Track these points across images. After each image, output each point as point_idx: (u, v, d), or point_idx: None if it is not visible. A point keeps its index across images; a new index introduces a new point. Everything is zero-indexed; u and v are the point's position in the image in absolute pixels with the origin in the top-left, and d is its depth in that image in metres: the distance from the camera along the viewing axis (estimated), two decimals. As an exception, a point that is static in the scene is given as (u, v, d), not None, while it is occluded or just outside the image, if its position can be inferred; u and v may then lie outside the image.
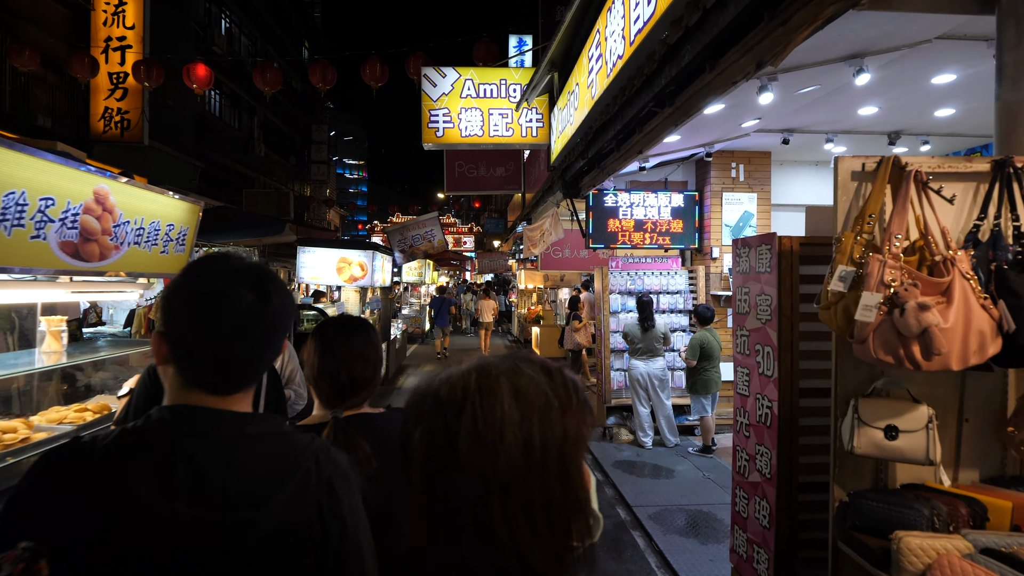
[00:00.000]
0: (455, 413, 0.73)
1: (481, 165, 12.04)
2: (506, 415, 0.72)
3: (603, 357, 7.55)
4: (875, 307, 1.81)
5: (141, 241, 3.16)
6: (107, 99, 14.20)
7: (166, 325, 1.02)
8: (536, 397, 0.74)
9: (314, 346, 1.74)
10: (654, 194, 7.78)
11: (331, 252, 8.15)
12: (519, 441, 0.71)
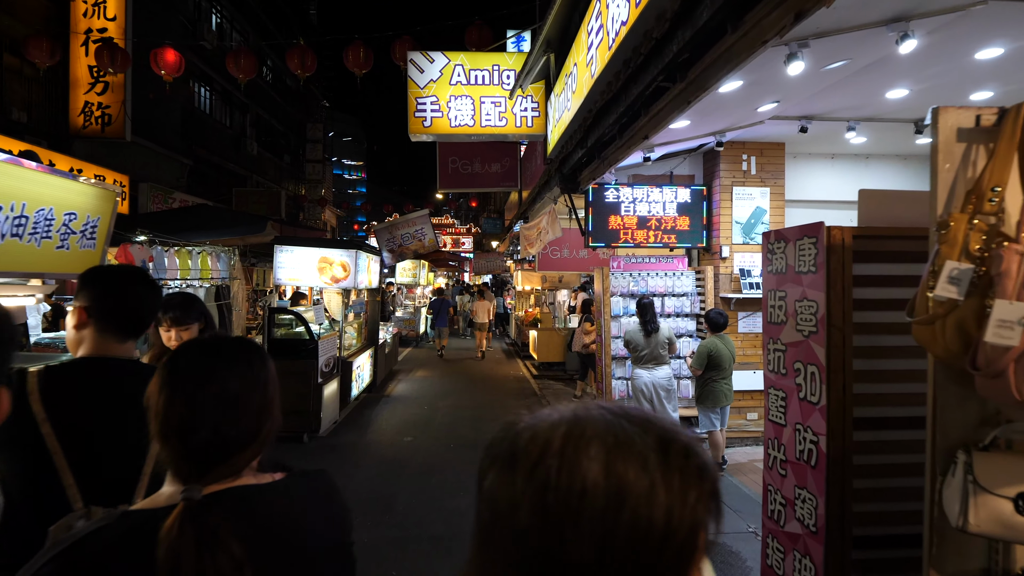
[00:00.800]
0: (527, 471, 0.58)
1: (476, 161, 11.42)
2: (588, 493, 0.55)
3: (603, 364, 6.94)
4: (1019, 323, 1.19)
5: (23, 233, 2.54)
6: (87, 93, 13.60)
7: None
8: (636, 479, 0.56)
9: (159, 385, 1.12)
10: (659, 189, 7.17)
11: (311, 251, 7.53)
12: (595, 532, 0.54)
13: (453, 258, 23.20)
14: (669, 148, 6.63)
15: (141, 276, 1.71)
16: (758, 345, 7.03)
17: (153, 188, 14.70)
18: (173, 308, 2.83)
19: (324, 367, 7.19)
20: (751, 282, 6.86)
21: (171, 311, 2.82)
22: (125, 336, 1.60)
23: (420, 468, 6.27)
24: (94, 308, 1.55)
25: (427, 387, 10.77)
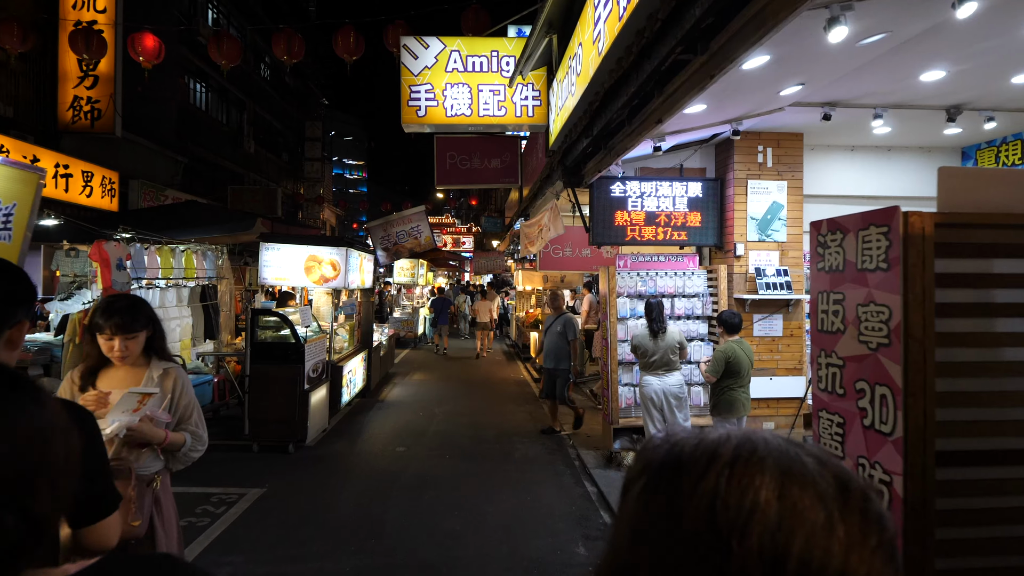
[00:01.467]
0: (693, 479, 0.55)
1: (475, 156, 10.94)
2: (760, 508, 0.52)
3: (609, 370, 6.45)
4: None
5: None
6: (76, 87, 13.14)
7: None
8: (812, 508, 0.52)
9: None
10: (668, 183, 6.68)
11: (298, 249, 7.06)
12: (764, 552, 0.50)
13: (453, 258, 22.74)
14: (680, 139, 6.14)
15: None
16: (775, 350, 6.54)
17: (144, 185, 14.26)
18: (116, 313, 2.39)
19: (311, 372, 6.71)
20: (767, 282, 6.37)
21: (114, 317, 2.38)
22: None
23: (413, 483, 5.79)
24: None
25: (424, 391, 10.30)
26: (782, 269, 6.46)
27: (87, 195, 12.39)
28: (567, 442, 7.35)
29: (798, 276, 6.54)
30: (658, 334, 5.82)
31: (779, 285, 6.38)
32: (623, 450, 6.41)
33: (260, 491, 5.39)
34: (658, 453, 0.61)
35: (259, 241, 7.09)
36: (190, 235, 8.51)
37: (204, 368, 8.26)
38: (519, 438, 7.44)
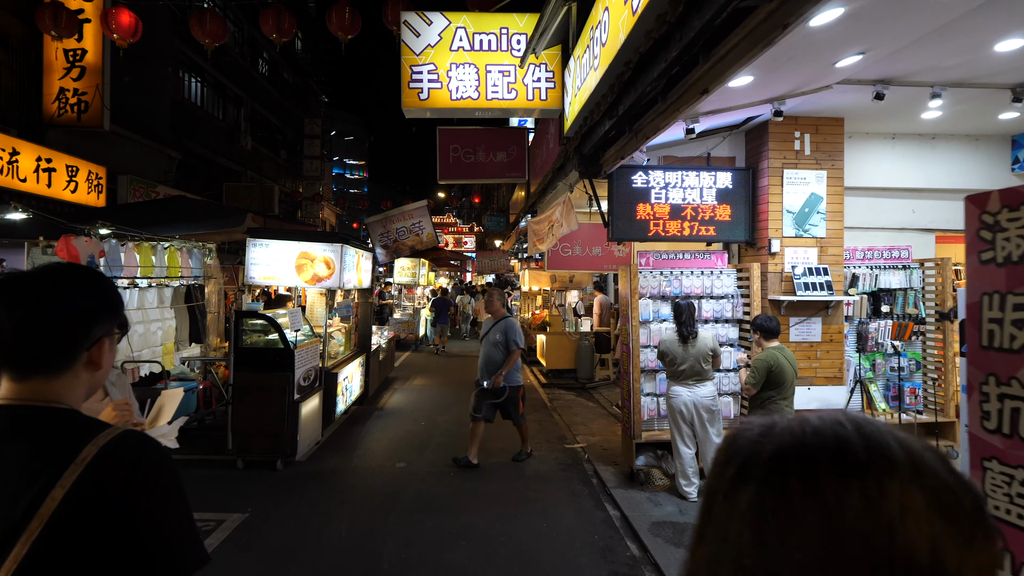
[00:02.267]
0: (836, 476, 0.49)
1: (479, 149, 10.29)
2: (905, 503, 0.48)
3: (631, 379, 5.80)
4: None
5: None
6: (62, 79, 12.50)
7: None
8: (943, 492, 0.49)
9: None
10: (695, 172, 6.03)
11: (288, 246, 6.41)
12: (922, 547, 0.47)
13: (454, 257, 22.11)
14: (711, 122, 5.48)
15: (21, 278, 1.09)
16: (813, 356, 5.89)
17: (134, 181, 13.61)
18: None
19: (303, 380, 6.07)
20: (806, 282, 5.72)
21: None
22: (17, 371, 1.06)
23: (414, 505, 5.14)
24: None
25: (425, 398, 9.64)
26: (821, 267, 5.81)
27: (72, 190, 11.75)
28: (582, 456, 6.70)
29: (838, 275, 5.90)
30: (688, 339, 5.18)
31: (818, 285, 5.73)
32: (647, 467, 5.75)
33: (241, 517, 4.74)
34: (767, 447, 0.54)
35: (245, 236, 6.44)
36: (179, 231, 7.87)
37: (189, 373, 7.62)
38: (529, 451, 6.79)
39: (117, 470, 0.99)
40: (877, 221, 6.54)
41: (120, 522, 0.97)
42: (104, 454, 0.99)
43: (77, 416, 1.07)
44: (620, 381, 6.19)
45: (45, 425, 1.03)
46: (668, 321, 6.04)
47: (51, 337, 1.06)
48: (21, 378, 1.06)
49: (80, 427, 1.04)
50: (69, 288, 1.09)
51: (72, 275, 1.12)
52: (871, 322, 6.27)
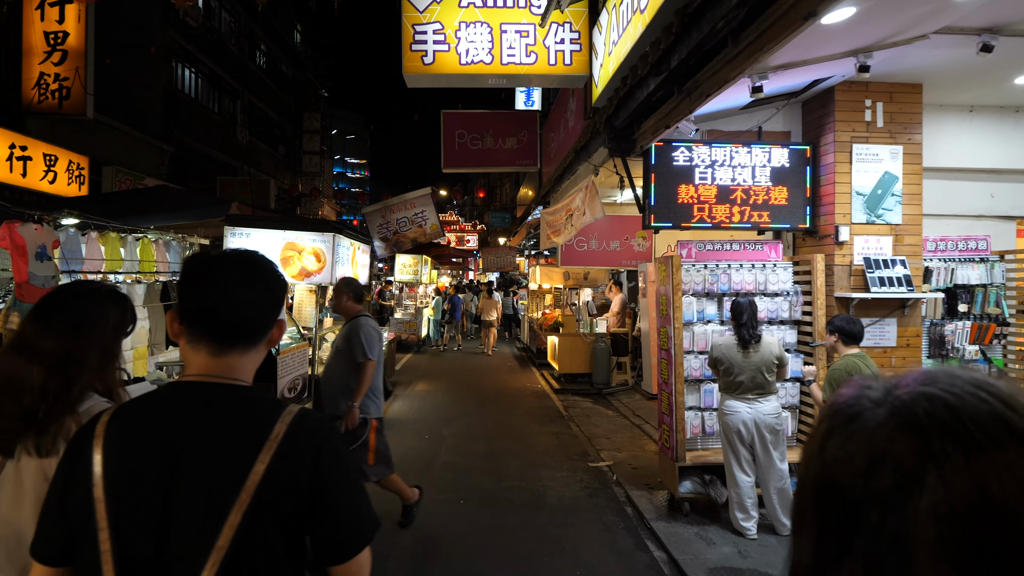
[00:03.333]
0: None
1: (487, 135, 9.36)
2: None
3: (672, 392, 4.86)
4: None
5: None
6: (42, 63, 11.54)
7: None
8: None
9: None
10: (746, 148, 5.09)
11: (272, 235, 5.48)
12: None
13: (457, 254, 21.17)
14: (776, 86, 4.49)
15: (237, 258, 1.16)
16: (887, 364, 4.95)
17: (120, 172, 12.68)
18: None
19: (287, 391, 5.13)
20: (880, 276, 4.78)
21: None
22: (222, 344, 1.11)
23: (415, 547, 4.20)
24: (181, 306, 1.13)
25: (429, 406, 8.71)
26: (897, 259, 4.87)
27: (50, 181, 10.83)
28: (609, 477, 5.77)
29: (917, 268, 4.96)
30: (749, 344, 4.24)
31: (895, 280, 4.80)
32: (693, 495, 4.81)
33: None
34: (959, 428, 0.43)
35: (223, 225, 5.51)
36: (158, 221, 6.94)
37: (166, 380, 6.67)
38: (549, 471, 5.85)
39: (306, 446, 1.04)
40: (951, 207, 5.59)
41: (311, 494, 1.02)
42: (292, 431, 1.04)
43: (259, 393, 1.13)
44: (659, 395, 5.25)
45: (239, 401, 1.09)
46: (714, 322, 5.11)
47: (261, 313, 1.13)
48: (220, 352, 1.10)
49: (267, 404, 1.10)
50: (272, 270, 1.18)
51: (266, 259, 1.19)
52: (947, 323, 5.33)
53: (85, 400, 1.47)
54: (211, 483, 0.99)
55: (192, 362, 1.11)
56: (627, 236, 9.54)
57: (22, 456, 1.40)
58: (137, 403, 1.11)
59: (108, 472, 1.00)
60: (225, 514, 0.97)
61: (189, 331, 1.11)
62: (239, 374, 1.12)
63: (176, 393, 1.11)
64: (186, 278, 1.13)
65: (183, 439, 1.03)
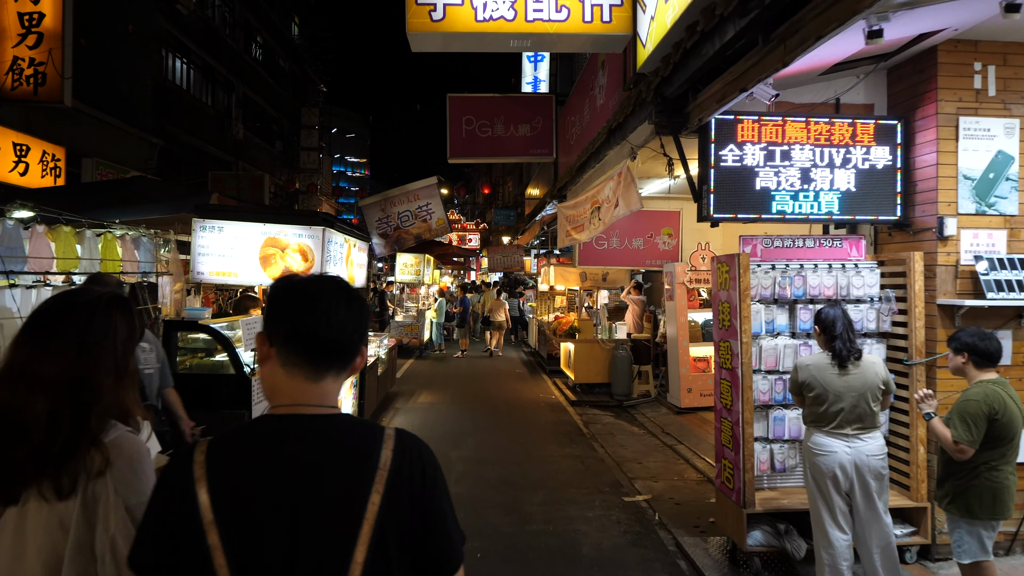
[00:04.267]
0: None
1: (498, 121, 8.41)
2: None
3: (738, 422, 3.91)
4: None
5: None
6: (16, 46, 10.54)
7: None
8: None
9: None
10: (827, 122, 4.15)
11: (249, 229, 4.53)
12: None
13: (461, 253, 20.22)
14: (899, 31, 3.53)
15: (330, 280, 1.13)
16: (1001, 387, 4.00)
17: (101, 165, 11.73)
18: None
19: (267, 418, 4.17)
20: (997, 279, 3.84)
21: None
22: (319, 367, 1.06)
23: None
24: (273, 329, 1.07)
25: (433, 421, 7.76)
26: (1015, 258, 3.93)
27: (20, 172, 9.87)
28: (650, 516, 4.82)
29: (1036, 270, 4.00)
30: (848, 362, 3.29)
31: (1014, 284, 3.85)
32: (765, 548, 3.87)
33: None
34: None
35: (192, 217, 4.57)
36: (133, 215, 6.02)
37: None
38: (579, 508, 4.91)
39: (412, 470, 1.02)
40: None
41: (422, 516, 1.02)
42: (397, 456, 1.02)
43: (357, 419, 1.12)
44: (718, 423, 4.29)
45: (343, 432, 1.04)
46: (784, 335, 4.17)
47: (357, 335, 1.09)
48: (317, 375, 1.05)
49: (367, 430, 1.06)
50: (360, 294, 1.13)
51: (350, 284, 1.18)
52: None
53: (109, 429, 1.26)
54: (332, 521, 0.95)
55: (285, 389, 1.04)
56: (651, 233, 8.59)
57: (30, 501, 1.18)
58: (235, 440, 1.03)
59: (221, 517, 0.93)
60: (351, 551, 0.94)
61: (284, 354, 1.04)
62: (333, 400, 1.08)
63: (280, 427, 1.02)
64: (281, 298, 1.08)
65: (297, 477, 0.96)
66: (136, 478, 1.24)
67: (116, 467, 1.22)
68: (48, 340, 1.26)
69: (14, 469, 1.17)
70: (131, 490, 1.22)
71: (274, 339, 1.04)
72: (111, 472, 1.21)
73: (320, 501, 0.96)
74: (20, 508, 1.19)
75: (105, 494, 1.19)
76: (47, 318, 1.30)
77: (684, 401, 7.99)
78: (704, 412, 7.93)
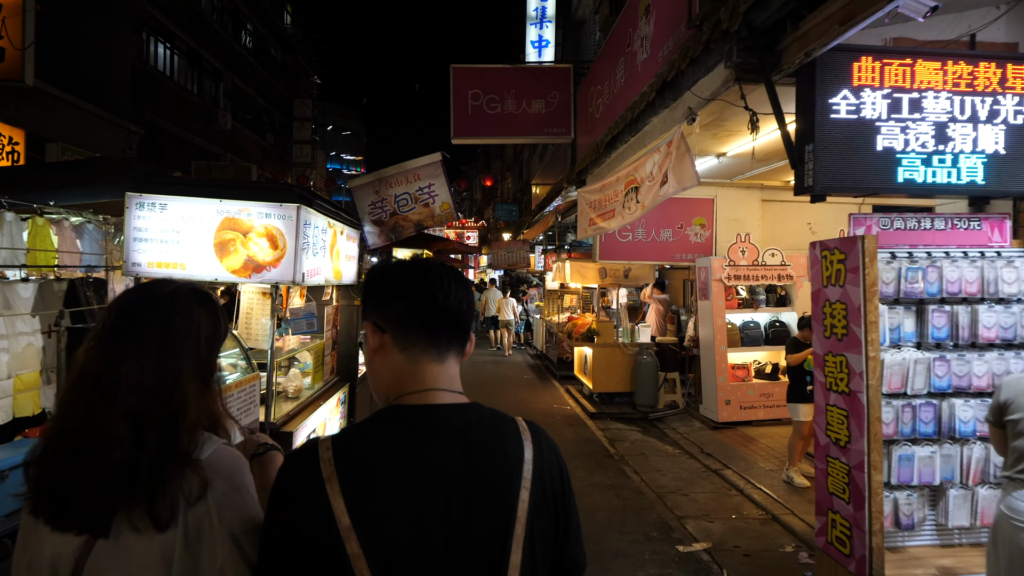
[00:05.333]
0: None
1: (508, 96, 7.33)
2: None
3: (865, 465, 2.82)
4: None
5: None
6: (-30, 19, 9.36)
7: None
8: None
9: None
10: (967, 62, 3.07)
11: (200, 207, 3.43)
12: None
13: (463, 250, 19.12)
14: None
15: (432, 259, 1.09)
16: None
17: (67, 150, 10.59)
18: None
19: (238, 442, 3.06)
20: None
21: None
22: (441, 347, 0.97)
23: None
24: (385, 312, 0.97)
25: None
26: None
27: (-33, 154, 8.73)
28: (717, 574, 3.74)
29: None
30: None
31: None
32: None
33: None
34: None
35: (126, 193, 3.45)
36: (65, 199, 4.92)
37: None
38: (627, 563, 3.82)
39: (551, 469, 0.94)
40: None
41: (563, 515, 0.94)
42: (538, 452, 0.94)
43: (488, 408, 0.99)
44: (823, 465, 3.19)
45: (481, 422, 0.94)
46: (909, 345, 3.10)
47: (471, 314, 1.02)
48: (441, 357, 0.98)
49: (502, 420, 0.97)
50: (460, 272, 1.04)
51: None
52: None
53: (202, 443, 1.05)
54: (487, 521, 0.86)
55: (409, 375, 0.95)
56: (682, 223, 7.54)
57: (124, 534, 0.99)
58: (365, 435, 0.91)
59: (360, 522, 0.82)
60: (507, 553, 0.85)
61: (403, 336, 0.95)
62: (460, 385, 0.99)
63: (415, 419, 0.91)
64: (387, 279, 0.99)
65: (442, 475, 0.86)
66: (241, 499, 1.04)
67: (216, 489, 1.02)
68: (124, 341, 1.07)
69: (97, 493, 0.98)
70: (236, 514, 1.02)
71: (388, 323, 0.95)
72: (211, 495, 1.01)
73: (472, 500, 0.85)
74: (115, 542, 1.00)
75: (208, 522, 0.99)
76: (122, 316, 1.11)
77: (722, 415, 6.92)
78: (745, 427, 6.87)
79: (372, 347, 0.97)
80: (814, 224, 7.75)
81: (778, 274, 7.09)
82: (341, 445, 0.87)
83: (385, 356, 0.95)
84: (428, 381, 0.93)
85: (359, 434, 0.91)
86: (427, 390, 0.93)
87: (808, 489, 4.88)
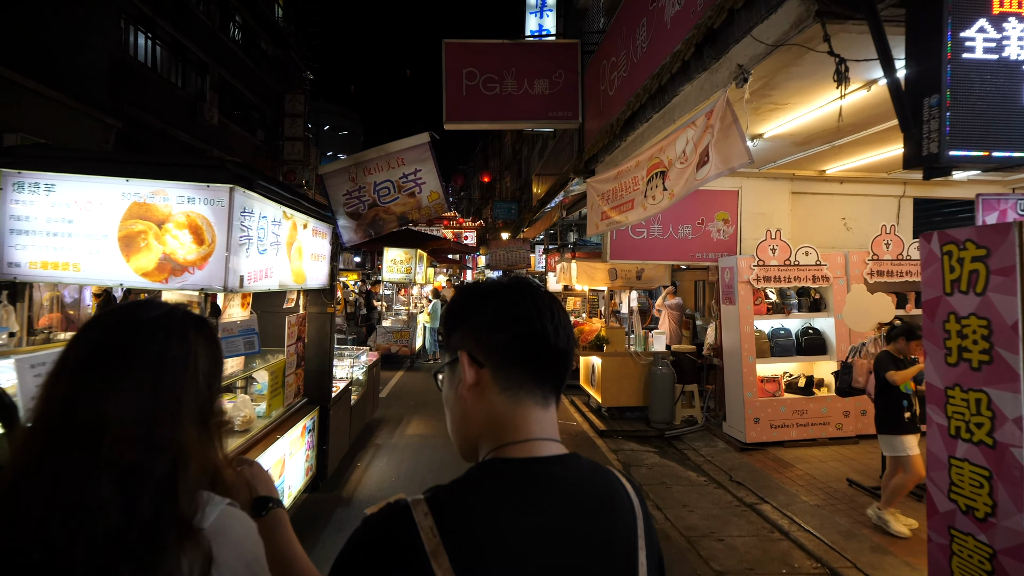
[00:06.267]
0: None
1: (508, 75, 6.45)
2: None
3: (1021, 548, 1.95)
4: None
5: None
6: (-82, -3, 8.51)
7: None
8: None
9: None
10: None
11: (101, 188, 2.54)
12: None
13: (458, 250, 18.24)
14: None
15: (527, 281, 0.87)
16: None
17: (26, 140, 9.69)
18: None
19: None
20: None
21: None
22: (546, 390, 0.81)
23: None
24: (486, 343, 0.79)
25: (424, 465, 5.76)
26: None
27: (-93, 145, 7.84)
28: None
29: None
30: None
31: None
32: None
33: None
34: None
35: (1, 169, 2.57)
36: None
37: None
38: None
39: (649, 519, 0.84)
40: None
41: (660, 571, 0.83)
42: (641, 503, 0.83)
43: (586, 459, 0.82)
44: (943, 535, 2.31)
45: (594, 478, 0.80)
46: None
47: (573, 349, 0.84)
48: (546, 403, 0.81)
49: (606, 473, 0.83)
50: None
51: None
52: None
53: (202, 505, 0.81)
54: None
55: (510, 422, 0.77)
56: (702, 219, 6.68)
57: None
58: (470, 496, 0.71)
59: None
60: None
61: (505, 375, 0.78)
62: (558, 434, 0.82)
63: (524, 476, 0.74)
64: (482, 301, 0.80)
65: (564, 541, 0.72)
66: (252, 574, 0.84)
67: (224, 564, 0.80)
68: (110, 375, 0.80)
69: (74, 571, 0.72)
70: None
71: (488, 356, 0.78)
72: (216, 572, 0.79)
73: (598, 566, 0.74)
74: None
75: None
76: (109, 341, 0.83)
77: (750, 434, 6.05)
78: (776, 449, 6.01)
79: (467, 383, 0.78)
80: (849, 219, 6.90)
81: (812, 275, 6.23)
82: (442, 509, 0.68)
83: (481, 395, 0.78)
84: (534, 429, 0.77)
85: (462, 494, 0.71)
86: (533, 440, 0.77)
87: (904, 540, 4.01)
